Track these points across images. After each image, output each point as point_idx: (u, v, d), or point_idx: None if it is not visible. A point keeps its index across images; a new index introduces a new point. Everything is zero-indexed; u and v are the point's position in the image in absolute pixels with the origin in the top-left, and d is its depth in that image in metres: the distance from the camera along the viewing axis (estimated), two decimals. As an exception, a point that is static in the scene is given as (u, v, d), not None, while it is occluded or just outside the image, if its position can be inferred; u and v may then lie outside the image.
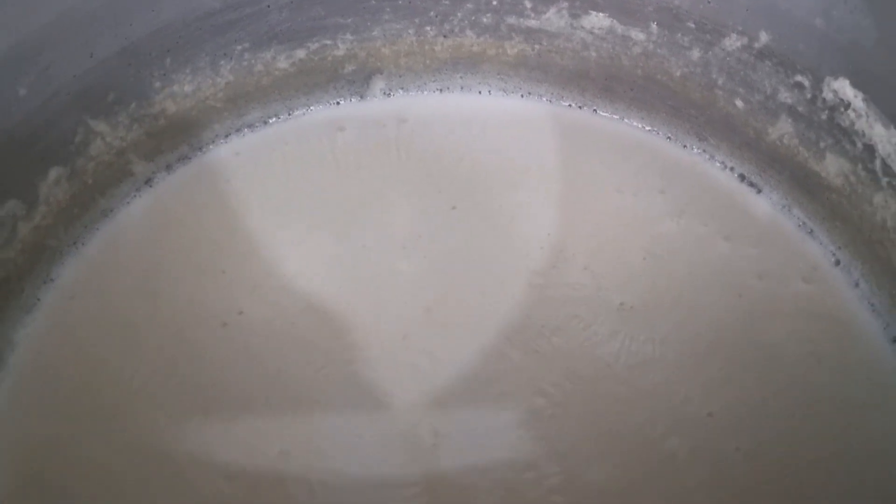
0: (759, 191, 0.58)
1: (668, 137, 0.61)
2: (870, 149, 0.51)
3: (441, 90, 0.63)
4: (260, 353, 0.49)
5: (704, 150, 0.60)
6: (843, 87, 0.51)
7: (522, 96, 0.63)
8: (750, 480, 0.45)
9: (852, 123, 0.52)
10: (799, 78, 0.53)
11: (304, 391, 0.48)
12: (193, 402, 0.47)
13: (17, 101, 0.47)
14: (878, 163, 0.51)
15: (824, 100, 0.53)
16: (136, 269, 0.53)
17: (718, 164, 0.59)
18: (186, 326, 0.50)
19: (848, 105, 0.51)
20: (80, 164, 0.53)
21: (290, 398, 0.47)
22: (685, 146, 0.60)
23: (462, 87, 0.64)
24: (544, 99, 0.63)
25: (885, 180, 0.51)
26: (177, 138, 0.58)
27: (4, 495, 0.44)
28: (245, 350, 0.49)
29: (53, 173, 0.51)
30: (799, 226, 0.56)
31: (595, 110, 0.62)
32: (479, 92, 0.64)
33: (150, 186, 0.57)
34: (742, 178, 0.59)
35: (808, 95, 0.53)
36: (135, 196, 0.56)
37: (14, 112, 0.47)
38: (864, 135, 0.51)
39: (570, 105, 0.63)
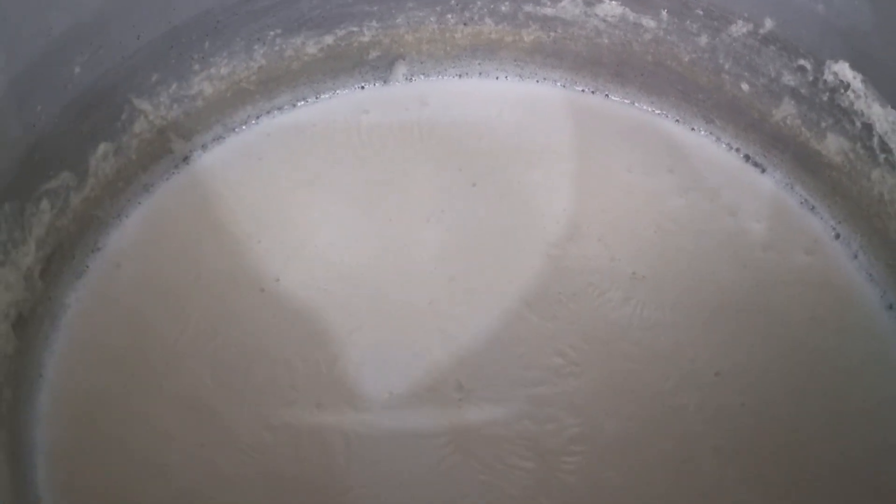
0: (764, 170, 0.61)
1: (677, 120, 0.64)
2: (868, 127, 0.54)
3: (460, 76, 0.66)
4: (296, 316, 0.52)
5: (711, 132, 0.63)
6: (843, 70, 0.54)
7: (538, 81, 0.66)
8: (753, 432, 0.49)
9: (851, 104, 0.55)
10: (801, 62, 0.57)
11: (338, 350, 0.51)
12: (235, 361, 0.50)
13: (73, 79, 0.50)
14: (875, 140, 0.54)
15: (825, 82, 0.56)
16: (177, 239, 0.56)
17: (724, 146, 0.63)
18: (226, 292, 0.53)
19: (847, 86, 0.55)
20: (126, 140, 0.56)
21: (325, 357, 0.51)
22: (693, 128, 0.64)
23: (480, 73, 0.67)
24: (558, 84, 0.66)
25: (882, 157, 0.54)
26: (212, 119, 0.61)
27: (60, 445, 0.48)
28: (282, 314, 0.52)
29: (102, 148, 0.54)
30: (801, 203, 0.59)
31: (607, 95, 0.65)
32: (497, 77, 0.67)
33: (188, 164, 0.60)
34: (747, 158, 0.62)
35: (810, 78, 0.57)
36: (173, 173, 0.59)
37: (70, 89, 0.50)
38: (862, 114, 0.54)
39: (583, 90, 0.66)
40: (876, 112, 0.53)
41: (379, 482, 0.46)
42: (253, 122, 0.63)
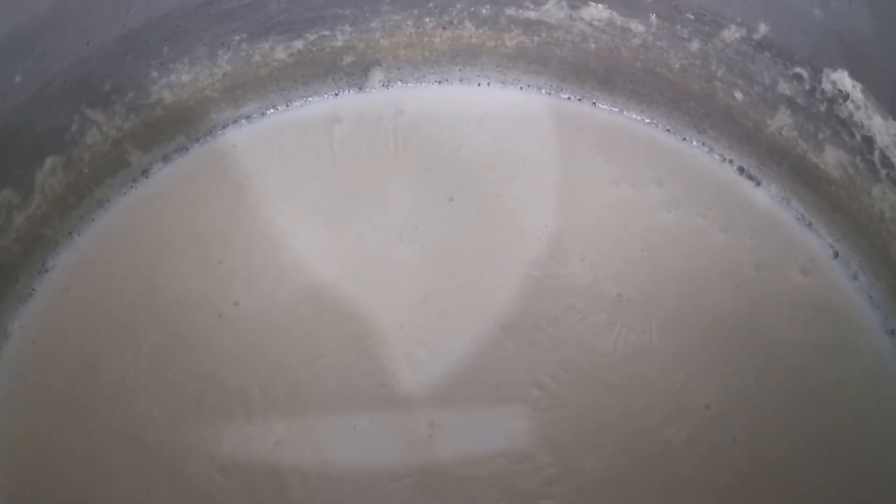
0: (758, 183, 0.58)
1: (668, 130, 0.61)
2: (868, 140, 0.51)
3: (440, 82, 0.63)
4: (256, 343, 0.49)
5: (703, 143, 0.60)
6: (842, 79, 0.51)
7: (521, 88, 0.63)
8: (746, 471, 0.45)
9: (851, 115, 0.51)
10: (798, 69, 0.53)
11: (300, 382, 0.48)
12: (188, 393, 0.47)
13: (13, 89, 0.47)
14: (876, 154, 0.51)
15: (823, 91, 0.52)
16: (132, 259, 0.53)
17: (717, 157, 0.59)
18: (182, 317, 0.50)
19: (847, 96, 0.51)
20: (76, 153, 0.53)
21: (286, 389, 0.47)
22: (684, 139, 0.60)
23: (461, 80, 0.63)
24: (543, 91, 0.63)
25: (883, 172, 0.51)
26: (174, 129, 0.57)
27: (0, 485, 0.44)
28: (241, 341, 0.49)
29: (49, 162, 0.51)
30: (798, 218, 0.56)
31: (594, 103, 0.62)
32: (478, 84, 0.63)
33: (147, 177, 0.57)
34: (741, 170, 0.58)
35: (807, 87, 0.53)
36: (131, 187, 0.56)
37: (10, 99, 0.47)
38: (862, 126, 0.51)
39: (569, 98, 0.62)
40: (877, 124, 0.50)
41: (339, 528, 0.43)
42: (218, 132, 0.59)
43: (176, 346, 0.49)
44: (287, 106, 0.61)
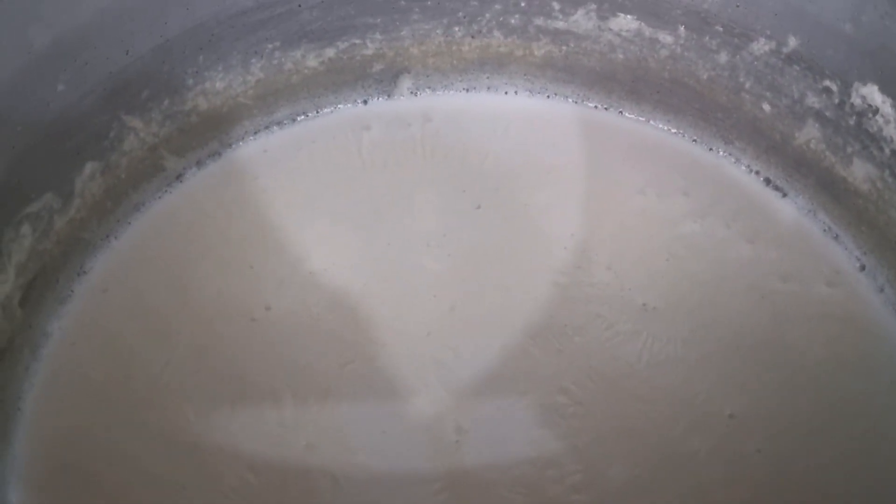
0: (785, 195, 0.58)
1: (694, 140, 0.61)
2: (897, 154, 0.51)
3: (468, 90, 0.64)
4: (287, 347, 0.50)
5: (730, 154, 0.60)
6: (872, 93, 0.51)
7: (548, 97, 0.64)
8: (770, 482, 0.45)
9: (880, 129, 0.52)
10: (827, 83, 0.53)
11: (330, 385, 0.49)
12: (221, 394, 0.48)
13: (56, 96, 0.48)
14: (905, 169, 0.51)
15: (852, 105, 0.53)
16: (167, 263, 0.54)
17: (744, 168, 0.59)
18: (215, 320, 0.51)
19: (876, 111, 0.51)
20: (114, 159, 0.54)
21: (316, 392, 0.48)
22: (711, 149, 0.60)
23: (489, 88, 0.64)
24: (570, 100, 0.63)
25: (912, 186, 0.51)
26: (207, 134, 0.59)
27: (37, 483, 0.46)
28: (272, 344, 0.50)
29: (88, 168, 0.52)
30: (824, 230, 0.56)
31: (621, 112, 0.62)
32: (506, 92, 0.64)
33: (181, 182, 0.58)
34: (767, 181, 0.59)
35: (836, 100, 0.53)
36: (166, 191, 0.57)
37: (52, 106, 0.48)
38: (892, 141, 0.51)
39: (595, 107, 0.63)
40: (907, 139, 0.50)
41: (368, 530, 0.44)
42: (251, 137, 0.61)
43: (209, 348, 0.50)
44: (317, 112, 0.62)
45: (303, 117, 0.62)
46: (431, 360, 0.50)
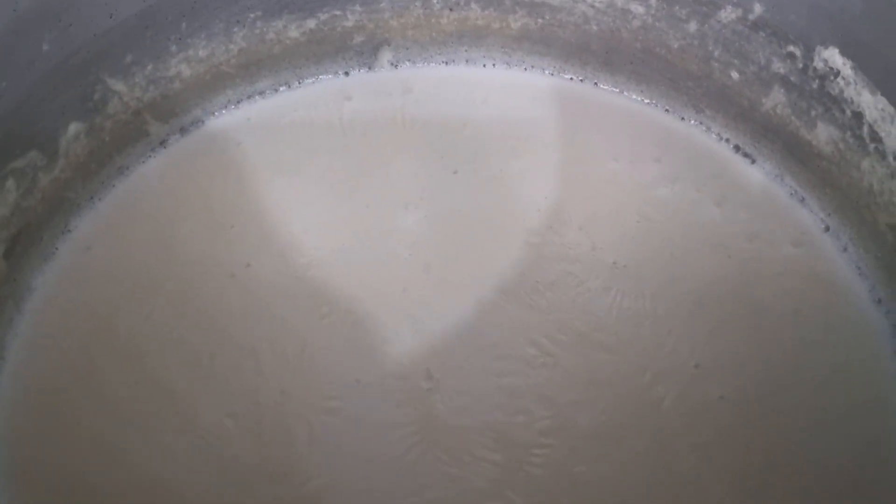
0: (753, 161, 0.60)
1: (666, 110, 0.62)
2: (858, 115, 0.53)
3: (447, 62, 0.65)
4: (265, 301, 0.51)
5: (701, 122, 0.61)
6: (833, 56, 0.53)
7: (525, 69, 0.65)
8: (732, 427, 0.47)
9: (841, 91, 0.53)
10: (791, 48, 0.55)
11: (306, 337, 0.50)
12: (200, 345, 0.49)
13: (41, 56, 0.49)
14: (865, 129, 0.53)
15: (815, 69, 0.54)
16: (150, 223, 0.55)
17: (714, 136, 0.61)
18: (196, 276, 0.52)
19: (837, 73, 0.53)
20: (98, 121, 0.55)
21: (293, 343, 0.50)
22: (682, 118, 0.62)
23: (467, 60, 0.65)
24: (546, 72, 0.65)
25: (872, 146, 0.52)
26: (190, 102, 0.60)
27: (20, 430, 0.47)
28: (251, 299, 0.51)
29: (73, 128, 0.54)
30: (791, 194, 0.58)
31: (596, 83, 0.64)
32: (484, 65, 0.65)
33: (164, 147, 0.59)
34: (737, 148, 0.60)
35: (800, 65, 0.55)
36: (149, 156, 0.59)
37: (38, 65, 0.49)
38: (852, 102, 0.53)
39: (571, 78, 0.64)
40: (866, 99, 0.52)
41: (342, 471, 0.45)
42: (233, 106, 0.62)
43: (190, 302, 0.51)
44: (299, 83, 0.63)
45: (285, 88, 0.63)
46: (406, 314, 0.51)
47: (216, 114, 0.61)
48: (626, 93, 0.63)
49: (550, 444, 0.46)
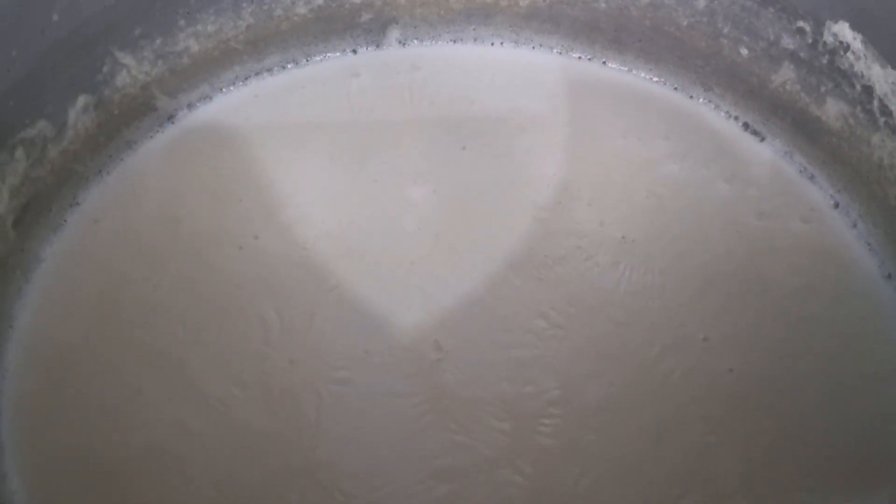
0: (763, 139, 0.59)
1: (675, 88, 0.62)
2: (868, 90, 0.53)
3: (454, 41, 0.65)
4: (274, 274, 0.51)
5: (710, 100, 0.61)
6: (843, 30, 0.52)
7: (534, 48, 0.65)
8: (741, 399, 0.47)
9: (851, 66, 0.53)
10: (801, 23, 0.55)
11: (314, 308, 0.50)
12: (208, 316, 0.49)
13: (51, 25, 0.49)
14: (875, 103, 0.52)
15: (825, 44, 0.54)
16: (158, 196, 0.55)
17: (723, 114, 0.61)
18: (204, 248, 0.52)
19: (847, 48, 0.53)
20: (107, 94, 0.55)
21: (301, 314, 0.50)
22: (691, 96, 0.62)
23: (475, 39, 0.65)
24: (555, 51, 0.65)
25: (882, 120, 0.52)
26: (198, 77, 0.60)
27: (30, 393, 0.47)
28: (259, 271, 0.51)
29: (81, 100, 0.54)
30: (800, 171, 0.58)
31: (604, 62, 0.64)
32: (492, 44, 0.65)
33: (172, 123, 0.59)
34: (746, 126, 0.60)
35: (810, 40, 0.55)
36: (158, 131, 0.59)
37: (47, 35, 0.49)
38: (862, 76, 0.53)
39: (579, 57, 0.64)
40: (876, 73, 0.51)
41: (350, 440, 0.45)
42: (241, 83, 0.62)
43: (198, 274, 0.51)
44: (307, 61, 0.63)
45: (292, 65, 0.63)
46: (414, 286, 0.51)
47: (224, 90, 0.61)
48: (634, 71, 0.63)
49: (559, 415, 0.46)
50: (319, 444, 0.45)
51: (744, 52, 0.58)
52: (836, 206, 0.56)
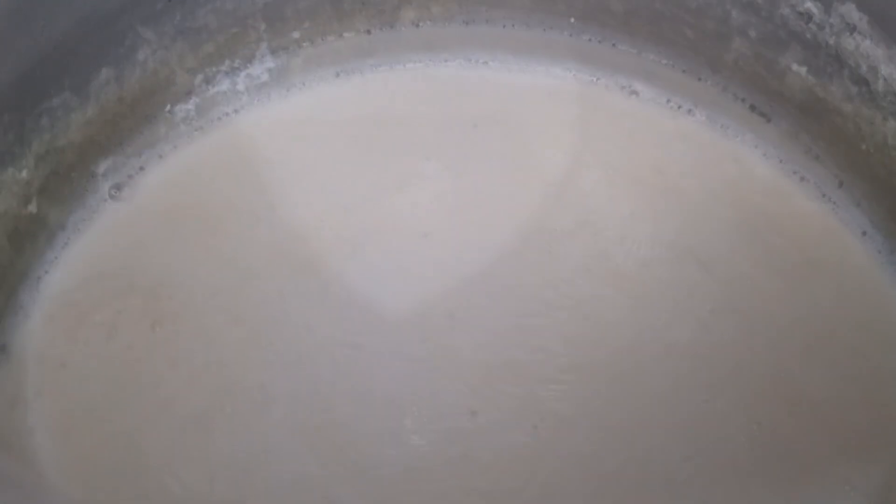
0: (769, 120, 0.60)
1: (684, 70, 0.63)
2: (874, 70, 0.54)
3: (467, 23, 0.66)
4: (290, 246, 0.53)
5: (718, 83, 0.62)
6: (850, 11, 0.53)
7: (545, 30, 0.66)
8: (747, 365, 0.48)
9: (857, 46, 0.54)
10: (808, 4, 0.56)
11: (330, 277, 0.51)
12: (225, 283, 0.51)
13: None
14: (880, 84, 0.53)
15: (832, 25, 0.55)
16: (176, 169, 0.57)
17: (731, 95, 0.62)
18: (222, 218, 0.54)
19: (854, 28, 0.54)
20: (129, 68, 0.56)
21: (318, 282, 0.51)
22: (700, 79, 0.63)
23: (487, 21, 0.66)
24: (566, 33, 0.66)
25: (887, 100, 0.53)
26: (217, 54, 0.61)
27: (53, 353, 0.48)
28: (277, 240, 0.53)
29: (104, 73, 0.55)
30: (805, 151, 0.59)
31: (614, 44, 0.65)
32: (503, 26, 0.66)
33: (193, 97, 0.60)
34: (753, 108, 0.61)
35: (817, 21, 0.56)
36: (177, 104, 0.60)
37: (75, 8, 0.51)
38: (868, 57, 0.54)
39: (589, 39, 0.65)
40: (881, 54, 0.52)
41: (363, 401, 0.46)
42: (257, 61, 0.63)
43: (215, 244, 0.52)
44: (322, 40, 0.65)
45: (308, 44, 0.64)
46: (427, 256, 0.52)
47: (242, 68, 0.62)
48: (643, 54, 0.64)
49: (569, 380, 0.47)
50: (334, 405, 0.46)
51: (752, 34, 0.59)
52: (841, 185, 0.57)
